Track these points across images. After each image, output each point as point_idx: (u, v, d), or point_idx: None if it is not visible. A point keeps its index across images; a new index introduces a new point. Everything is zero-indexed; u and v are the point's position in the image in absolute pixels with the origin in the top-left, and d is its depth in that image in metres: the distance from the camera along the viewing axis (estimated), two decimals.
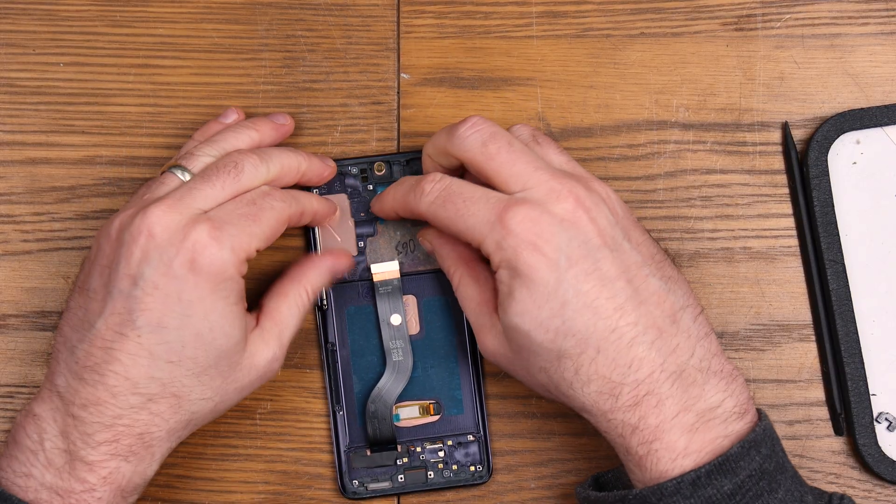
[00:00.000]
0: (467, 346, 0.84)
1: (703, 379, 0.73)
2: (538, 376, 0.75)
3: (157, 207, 0.74)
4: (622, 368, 0.72)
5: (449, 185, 0.76)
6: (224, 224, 0.74)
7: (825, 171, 0.84)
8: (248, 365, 0.76)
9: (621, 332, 0.72)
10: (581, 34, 0.87)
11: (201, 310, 0.73)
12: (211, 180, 0.76)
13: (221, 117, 0.83)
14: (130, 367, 0.73)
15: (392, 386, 0.83)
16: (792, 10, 0.87)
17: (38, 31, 0.87)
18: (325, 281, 0.81)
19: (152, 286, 0.73)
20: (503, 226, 0.73)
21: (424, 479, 0.83)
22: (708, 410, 0.72)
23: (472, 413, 0.84)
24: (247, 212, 0.76)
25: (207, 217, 0.74)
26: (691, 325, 0.74)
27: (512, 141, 0.76)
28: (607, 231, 0.74)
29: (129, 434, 0.74)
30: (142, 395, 0.74)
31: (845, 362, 0.83)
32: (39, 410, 0.75)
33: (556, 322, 0.72)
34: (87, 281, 0.76)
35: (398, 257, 0.84)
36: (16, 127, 0.86)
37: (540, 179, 0.74)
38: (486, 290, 0.78)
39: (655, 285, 0.74)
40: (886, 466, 0.82)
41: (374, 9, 0.87)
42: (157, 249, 0.73)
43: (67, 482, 0.73)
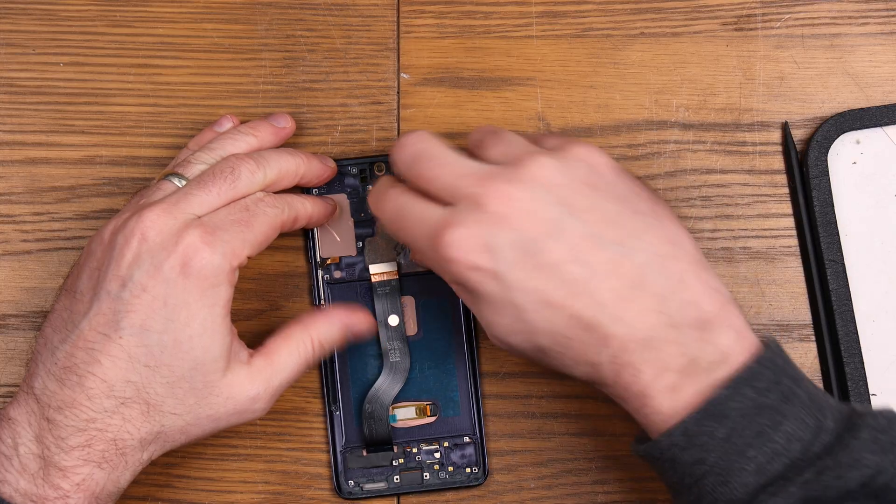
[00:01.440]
0: (465, 348, 0.84)
1: (675, 334, 0.70)
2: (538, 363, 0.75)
3: (151, 211, 0.74)
4: (594, 349, 0.71)
5: (399, 204, 0.75)
6: (216, 229, 0.74)
7: (825, 171, 0.84)
8: (225, 394, 0.75)
9: (580, 316, 0.71)
10: (581, 34, 0.87)
11: (185, 315, 0.73)
12: (206, 186, 0.76)
13: (216, 125, 0.83)
14: (109, 369, 0.73)
15: (389, 387, 0.83)
16: (792, 10, 0.87)
17: (38, 31, 0.87)
18: (336, 336, 0.79)
19: (140, 288, 0.73)
20: (440, 253, 0.72)
21: (420, 481, 0.83)
22: (687, 365, 0.70)
23: (469, 415, 0.84)
24: (240, 217, 0.76)
25: (200, 222, 0.74)
26: (658, 278, 0.71)
27: (436, 155, 0.74)
28: (541, 215, 0.71)
29: (102, 439, 0.73)
30: (116, 399, 0.73)
31: (845, 362, 0.83)
32: (14, 414, 0.74)
33: (519, 325, 0.72)
34: (75, 283, 0.76)
35: (397, 258, 0.84)
36: (16, 127, 0.86)
37: (463, 190, 0.72)
38: None
39: (609, 252, 0.71)
40: None
41: (374, 9, 0.87)
42: (148, 252, 0.73)
43: (42, 488, 0.73)
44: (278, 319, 0.84)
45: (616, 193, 0.73)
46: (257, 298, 0.85)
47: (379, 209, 0.77)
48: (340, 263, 0.84)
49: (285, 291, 0.85)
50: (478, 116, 0.86)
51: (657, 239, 0.72)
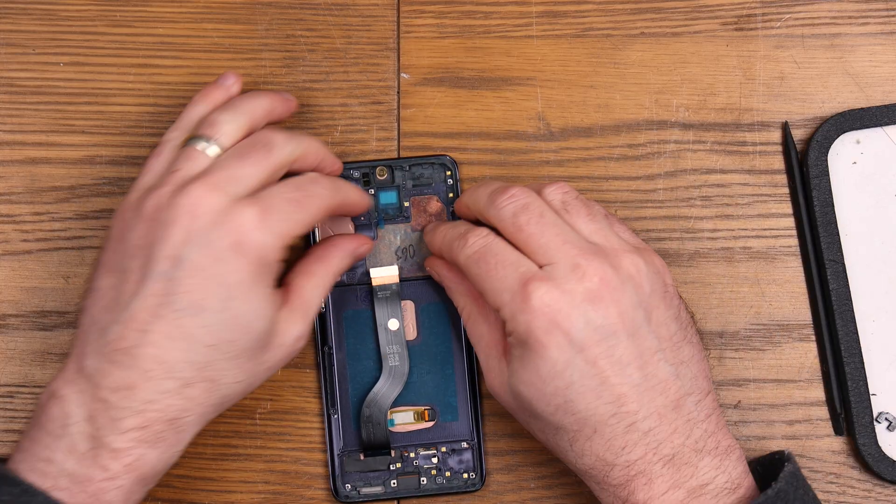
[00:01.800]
0: (464, 354, 0.84)
1: (696, 458, 0.74)
2: (536, 433, 0.77)
3: (198, 187, 0.73)
4: (616, 450, 0.74)
5: (489, 244, 0.76)
6: (271, 208, 0.73)
7: (825, 171, 0.84)
8: (277, 344, 0.75)
9: (621, 417, 0.73)
10: (581, 34, 0.87)
11: (242, 293, 0.72)
12: (245, 158, 0.75)
13: (220, 81, 0.81)
14: (167, 350, 0.72)
15: (387, 391, 0.83)
16: (792, 10, 0.87)
17: (38, 31, 0.87)
18: (348, 263, 0.80)
19: (195, 268, 0.72)
20: (523, 299, 0.73)
21: (417, 485, 0.83)
22: (699, 487, 0.73)
23: (467, 420, 0.84)
24: (293, 197, 0.75)
25: (255, 200, 0.73)
26: (693, 409, 0.75)
27: (543, 212, 0.76)
28: (628, 314, 0.74)
29: (160, 420, 0.72)
30: (177, 380, 0.72)
31: (845, 362, 0.83)
32: (65, 392, 0.73)
33: (558, 399, 0.73)
34: (119, 261, 0.74)
35: (397, 262, 0.84)
36: (16, 127, 0.86)
37: (566, 255, 0.74)
38: (496, 329, 0.79)
39: (665, 371, 0.74)
40: (886, 466, 0.82)
41: (374, 9, 0.87)
42: (200, 231, 0.72)
43: (90, 470, 0.71)
44: None
45: (678, 316, 0.76)
46: None
47: (464, 243, 0.77)
48: None
49: None
50: (478, 116, 0.86)
51: (699, 372, 0.76)
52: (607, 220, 0.78)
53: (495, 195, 0.77)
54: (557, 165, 0.86)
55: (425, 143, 0.86)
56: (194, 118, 0.79)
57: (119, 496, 0.72)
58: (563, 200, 0.78)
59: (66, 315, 0.85)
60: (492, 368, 0.78)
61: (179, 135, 0.78)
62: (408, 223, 0.84)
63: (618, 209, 0.85)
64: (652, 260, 0.76)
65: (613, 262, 0.74)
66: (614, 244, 0.76)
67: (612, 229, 0.77)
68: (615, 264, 0.74)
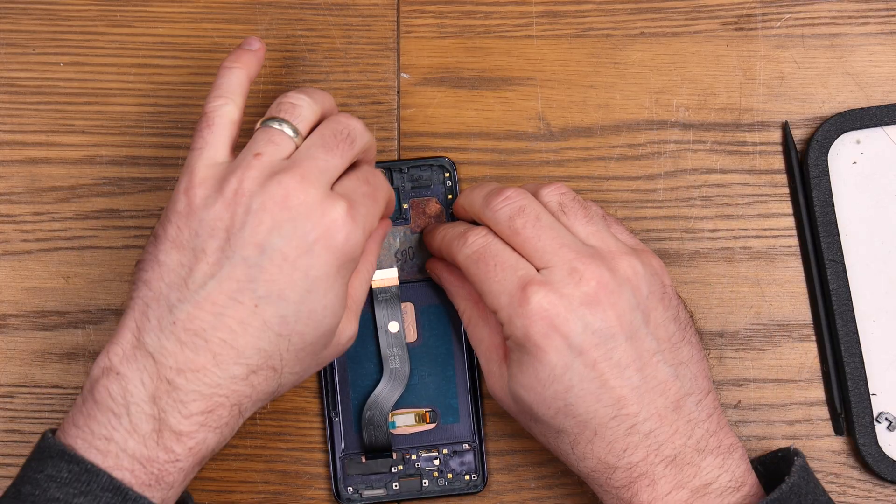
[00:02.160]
0: (464, 355, 0.84)
1: (699, 458, 0.74)
2: (538, 437, 0.77)
3: (291, 178, 0.71)
4: (617, 452, 0.74)
5: (487, 245, 0.76)
6: (356, 204, 0.73)
7: (825, 171, 0.84)
8: (335, 343, 0.75)
9: (621, 420, 0.73)
10: (581, 34, 0.87)
11: (323, 287, 0.72)
12: (331, 149, 0.74)
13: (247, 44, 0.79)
14: (241, 336, 0.71)
15: (388, 393, 0.83)
16: (792, 10, 0.87)
17: (38, 31, 0.87)
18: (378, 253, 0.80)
19: (281, 257, 0.71)
20: (521, 303, 0.73)
21: (419, 487, 0.83)
22: (702, 486, 0.74)
23: (468, 422, 0.84)
24: (367, 191, 0.75)
25: (345, 196, 0.73)
26: (694, 409, 0.75)
27: (540, 215, 0.76)
28: (626, 316, 0.74)
29: (226, 405, 0.71)
30: (245, 366, 0.71)
31: (845, 362, 0.83)
32: (125, 370, 0.71)
33: (558, 403, 0.74)
34: (190, 238, 0.72)
35: (397, 265, 0.84)
36: (16, 127, 0.86)
37: (563, 258, 0.74)
38: (496, 333, 0.78)
39: (664, 373, 0.74)
40: (886, 466, 0.82)
41: (374, 9, 0.87)
42: (291, 221, 0.71)
43: (153, 451, 0.70)
44: None
45: (676, 317, 0.76)
46: None
47: (463, 242, 0.77)
48: None
49: None
50: (478, 116, 0.86)
51: (699, 372, 0.76)
52: (605, 221, 0.78)
53: (491, 197, 0.77)
54: (557, 165, 0.86)
55: (425, 143, 0.86)
56: (235, 84, 0.76)
57: (180, 477, 0.71)
58: (559, 202, 0.77)
59: (66, 315, 0.85)
60: (492, 372, 0.78)
61: (224, 102, 0.75)
62: (407, 225, 0.84)
63: (618, 209, 0.85)
64: (649, 261, 0.76)
65: (610, 265, 0.74)
66: (611, 246, 0.76)
67: (609, 231, 0.77)
68: (612, 267, 0.74)
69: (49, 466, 0.69)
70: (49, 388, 0.85)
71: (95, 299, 0.85)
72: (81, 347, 0.85)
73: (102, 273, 0.85)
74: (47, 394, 0.85)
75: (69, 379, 0.85)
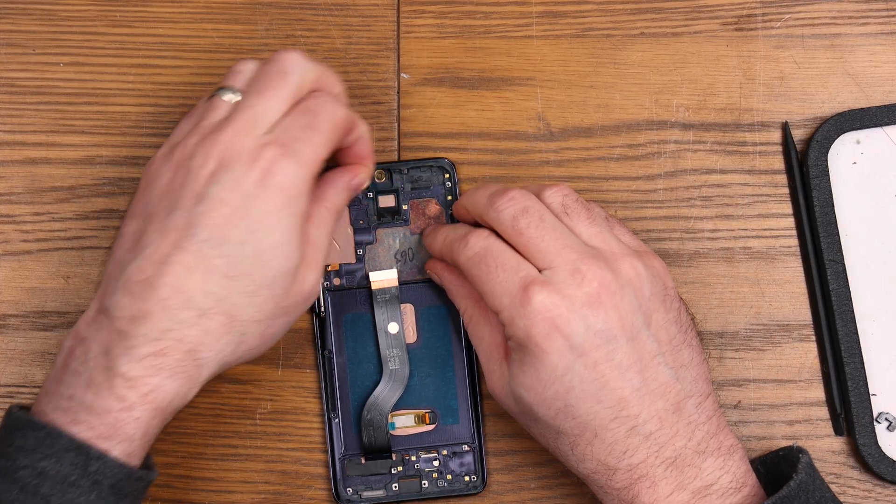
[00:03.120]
0: (464, 356, 0.84)
1: (699, 460, 0.74)
2: (538, 437, 0.77)
3: (225, 132, 0.73)
4: (617, 454, 0.74)
5: (489, 246, 0.76)
6: (291, 140, 0.73)
7: (825, 171, 0.84)
8: (296, 291, 0.74)
9: (621, 421, 0.73)
10: (581, 34, 0.87)
11: (267, 226, 0.72)
12: (263, 92, 0.74)
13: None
14: (185, 279, 0.71)
15: (388, 394, 0.83)
16: (792, 10, 0.87)
17: (38, 31, 0.87)
18: (346, 198, 0.79)
19: (219, 202, 0.71)
20: (523, 304, 0.73)
21: (419, 489, 0.83)
22: (704, 487, 0.74)
23: (468, 423, 0.84)
24: (307, 122, 0.74)
25: (274, 138, 0.73)
26: (694, 411, 0.75)
27: (543, 216, 0.76)
28: (627, 318, 0.74)
29: (178, 349, 0.71)
30: (194, 310, 0.71)
31: (845, 362, 0.83)
32: (85, 332, 0.72)
33: (558, 403, 0.74)
34: (144, 207, 0.74)
35: (396, 265, 0.84)
36: (16, 127, 0.86)
37: (566, 259, 0.74)
38: (497, 332, 0.78)
39: (665, 375, 0.74)
40: (886, 466, 0.83)
41: (374, 9, 0.87)
42: (226, 169, 0.72)
43: (106, 400, 0.70)
44: None
45: (678, 319, 0.76)
46: None
47: (464, 244, 0.77)
48: (340, 270, 0.84)
49: None
50: (478, 116, 0.86)
51: (699, 375, 0.76)
52: (607, 222, 0.78)
53: (494, 198, 0.77)
54: (557, 166, 0.86)
55: (425, 143, 0.86)
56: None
57: (138, 428, 0.71)
58: (562, 203, 0.77)
59: (66, 315, 0.85)
60: (493, 371, 0.78)
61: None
62: (406, 226, 0.84)
63: (618, 209, 0.85)
64: (652, 263, 0.76)
65: (613, 266, 0.74)
66: (614, 248, 0.76)
67: (612, 232, 0.77)
68: (614, 268, 0.74)
69: (17, 438, 0.70)
70: None
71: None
72: None
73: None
74: None
75: None
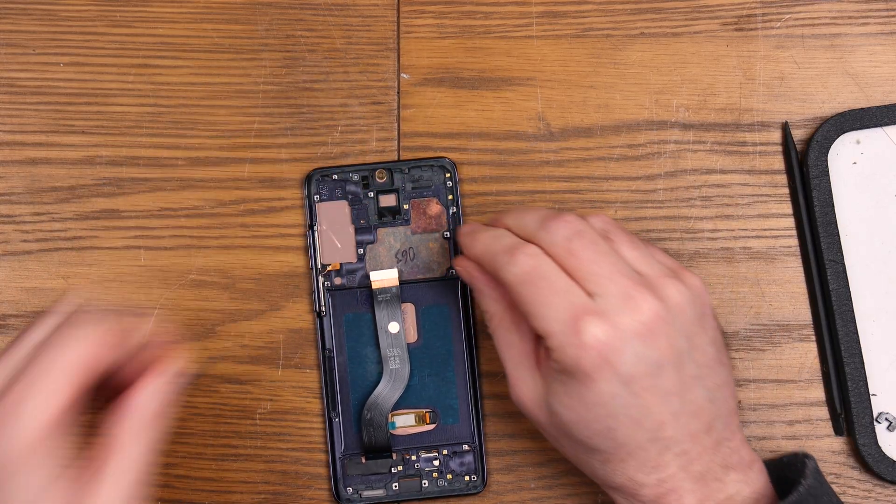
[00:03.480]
0: (465, 356, 0.84)
1: (724, 474, 0.74)
2: (565, 447, 0.77)
3: None
4: (648, 470, 0.74)
5: (538, 266, 0.74)
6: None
7: (825, 171, 0.84)
8: None
9: (657, 442, 0.73)
10: (581, 34, 0.87)
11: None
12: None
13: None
14: None
15: (388, 394, 0.83)
16: (792, 10, 0.87)
17: (38, 31, 0.87)
18: (164, 401, 0.69)
19: None
20: (574, 332, 0.72)
21: (419, 488, 0.83)
22: (726, 499, 0.74)
23: (468, 422, 0.84)
24: (16, 388, 0.65)
25: None
26: (723, 429, 0.75)
27: (597, 241, 0.75)
28: (675, 345, 0.74)
29: None
30: None
31: (845, 362, 0.83)
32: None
33: (598, 426, 0.73)
34: None
35: (397, 265, 0.84)
36: (16, 127, 0.86)
37: (618, 285, 0.73)
38: (528, 340, 0.77)
39: (701, 397, 0.74)
40: (886, 466, 0.83)
41: (374, 9, 0.87)
42: None
43: None
44: (278, 319, 0.85)
45: (714, 339, 0.76)
46: (257, 298, 0.85)
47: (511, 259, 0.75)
48: (341, 270, 0.84)
49: (285, 292, 0.85)
50: (478, 116, 0.86)
51: (729, 394, 0.76)
52: (647, 246, 0.78)
53: (548, 219, 0.75)
54: (557, 165, 0.86)
55: (425, 143, 0.86)
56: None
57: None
58: (604, 228, 0.77)
59: None
60: (521, 379, 0.77)
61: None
62: (407, 226, 0.84)
63: (618, 209, 0.85)
64: (693, 283, 0.76)
65: (661, 292, 0.74)
66: (657, 271, 0.75)
67: (653, 256, 0.77)
68: (662, 295, 0.74)
69: None
70: None
71: (95, 299, 0.85)
72: None
73: (102, 273, 0.85)
74: None
75: None
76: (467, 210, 0.85)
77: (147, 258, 0.85)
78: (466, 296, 0.84)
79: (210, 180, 0.86)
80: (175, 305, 0.85)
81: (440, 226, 0.85)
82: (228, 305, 0.85)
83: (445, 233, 0.85)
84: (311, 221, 0.84)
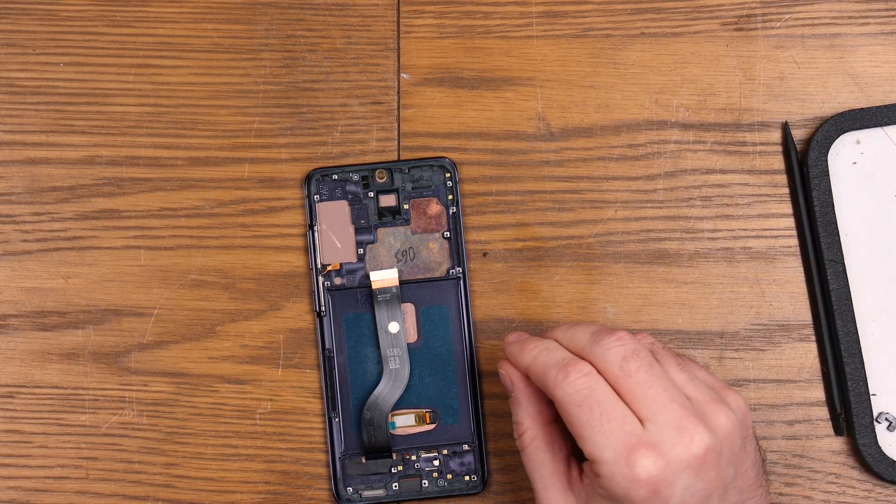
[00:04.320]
0: (465, 356, 0.84)
1: None
2: None
3: None
4: None
5: (593, 387, 0.73)
6: None
7: (825, 171, 0.84)
8: None
9: None
10: (581, 34, 0.87)
11: None
12: None
13: None
14: None
15: (388, 394, 0.83)
16: (792, 10, 0.87)
17: (38, 31, 0.87)
18: None
19: None
20: (627, 464, 0.71)
21: (419, 488, 0.83)
22: None
23: (468, 422, 0.84)
24: None
25: None
26: None
27: (653, 363, 0.74)
28: (723, 475, 0.73)
29: None
30: None
31: (845, 362, 0.83)
32: None
33: None
34: None
35: (397, 265, 0.84)
36: (16, 127, 0.86)
37: (672, 414, 0.72)
38: (560, 459, 0.76)
39: None
40: (886, 466, 0.83)
41: (374, 9, 0.87)
42: None
43: None
44: (279, 319, 0.85)
45: (755, 461, 0.76)
46: (257, 298, 0.85)
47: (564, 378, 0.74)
48: (341, 270, 0.84)
49: (285, 292, 0.85)
50: (478, 116, 0.86)
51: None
52: (690, 364, 0.77)
53: (601, 335, 0.74)
54: (557, 165, 0.86)
55: (425, 143, 0.86)
56: None
57: None
58: (652, 350, 0.76)
59: (65, 315, 0.85)
60: (553, 499, 0.76)
61: None
62: (407, 226, 0.84)
63: (618, 209, 0.85)
64: (738, 404, 0.75)
65: (712, 423, 0.73)
66: (705, 395, 0.74)
67: (698, 377, 0.76)
68: (713, 425, 0.73)
69: None
70: (49, 389, 0.85)
71: (95, 299, 0.85)
72: (81, 347, 0.85)
73: (102, 273, 0.85)
74: (47, 394, 0.85)
75: (69, 379, 0.85)
76: (467, 210, 0.85)
77: (147, 258, 0.85)
78: (467, 296, 0.84)
79: (210, 180, 0.86)
80: (175, 305, 0.85)
81: (440, 226, 0.85)
82: (228, 305, 0.85)
83: (445, 233, 0.85)
84: (311, 221, 0.85)
